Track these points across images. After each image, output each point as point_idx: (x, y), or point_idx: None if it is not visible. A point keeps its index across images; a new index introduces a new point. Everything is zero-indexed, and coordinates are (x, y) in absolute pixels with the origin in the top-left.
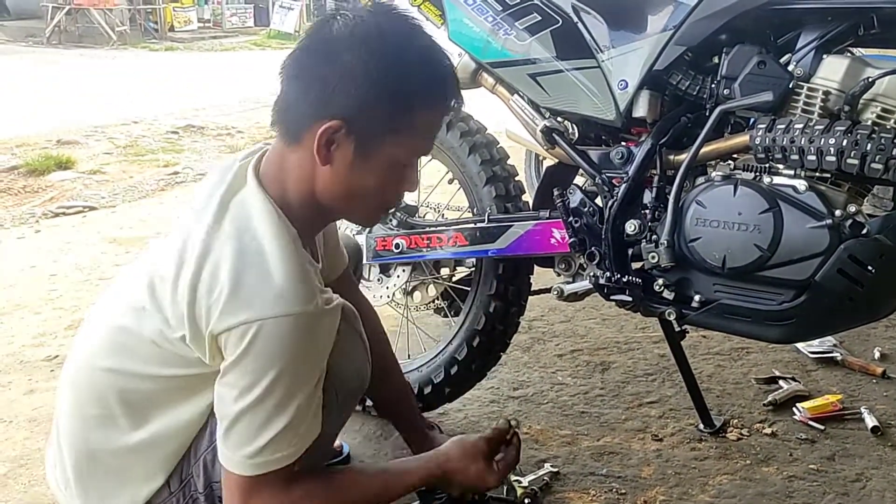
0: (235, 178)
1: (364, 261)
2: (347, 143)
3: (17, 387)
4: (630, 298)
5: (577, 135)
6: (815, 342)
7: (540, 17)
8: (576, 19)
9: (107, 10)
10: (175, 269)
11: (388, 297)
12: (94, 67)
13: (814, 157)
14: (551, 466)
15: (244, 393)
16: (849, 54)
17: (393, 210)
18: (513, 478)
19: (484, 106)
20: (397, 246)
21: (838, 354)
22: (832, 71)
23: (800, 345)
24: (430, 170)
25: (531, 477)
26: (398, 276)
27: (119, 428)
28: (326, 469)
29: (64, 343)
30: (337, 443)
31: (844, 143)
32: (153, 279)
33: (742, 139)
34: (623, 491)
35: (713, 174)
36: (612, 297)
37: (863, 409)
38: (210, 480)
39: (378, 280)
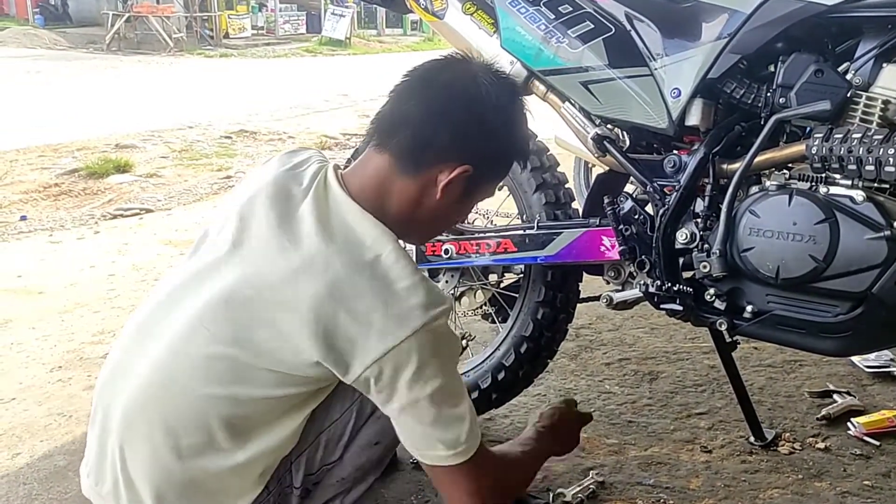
0: (318, 191)
1: None
2: (462, 183)
3: (76, 382)
4: (681, 308)
5: (628, 143)
6: (872, 356)
7: (592, 26)
8: (629, 27)
9: (164, 18)
10: (298, 298)
11: None
12: (152, 73)
13: (872, 168)
14: (596, 475)
15: (439, 394)
16: None
17: None
18: (557, 490)
19: (535, 114)
20: (446, 251)
21: (895, 369)
22: (892, 80)
23: (855, 359)
24: None
25: (575, 489)
26: (446, 282)
27: (220, 452)
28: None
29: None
30: None
31: None
32: (264, 307)
33: (798, 148)
34: (671, 502)
35: (768, 184)
36: (662, 306)
37: None
38: (308, 473)
39: None
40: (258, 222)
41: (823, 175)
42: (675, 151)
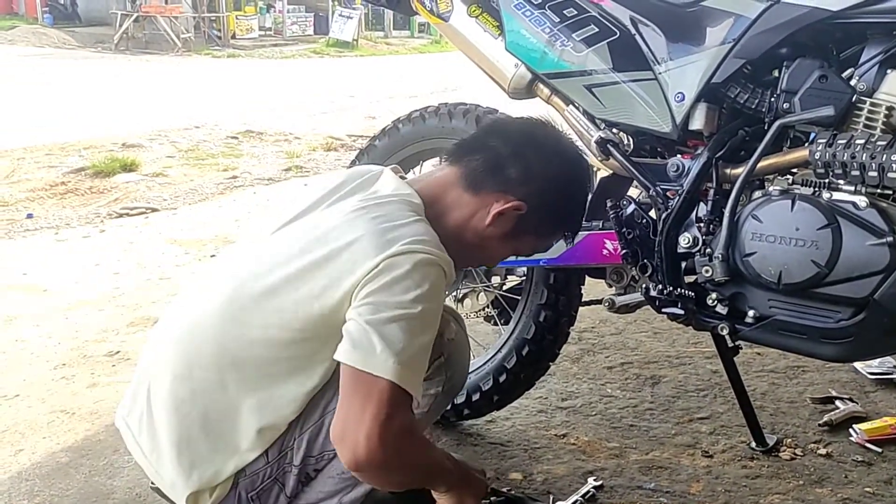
0: (371, 177)
1: None
2: (511, 220)
3: (80, 380)
4: (682, 312)
5: (631, 146)
6: (875, 363)
7: (597, 29)
8: (633, 31)
9: (172, 18)
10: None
11: None
12: (159, 73)
13: (875, 174)
14: (594, 480)
15: (401, 305)
16: None
17: None
18: (554, 503)
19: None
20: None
21: None
22: None
23: (858, 365)
24: None
25: (573, 498)
26: None
27: (228, 393)
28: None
29: (126, 339)
30: None
31: None
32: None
33: (801, 154)
34: None
35: (770, 188)
36: (663, 310)
37: None
38: (308, 454)
39: None
40: (328, 201)
41: (826, 181)
42: (678, 155)
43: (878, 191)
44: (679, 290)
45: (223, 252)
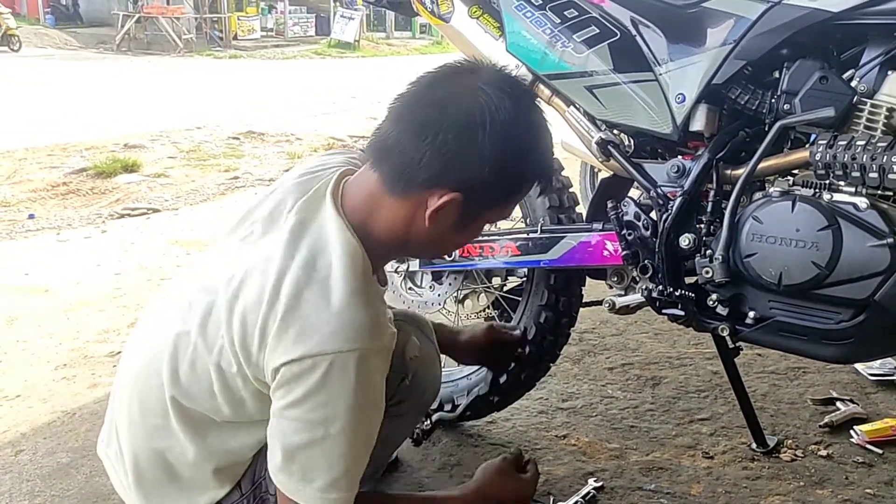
0: (315, 196)
1: (416, 267)
2: (456, 210)
3: (81, 380)
4: (682, 313)
5: (632, 147)
6: (876, 364)
7: (598, 30)
8: (634, 32)
9: (174, 19)
10: (234, 288)
11: (440, 304)
12: (161, 74)
13: (875, 175)
14: (594, 481)
15: (315, 425)
16: None
17: None
18: (553, 501)
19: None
20: (450, 254)
21: None
22: None
23: (859, 366)
24: None
25: (573, 499)
26: (450, 284)
27: (179, 439)
28: (378, 493)
29: (127, 340)
30: None
31: None
32: (213, 294)
33: (802, 155)
34: None
35: (771, 190)
36: (664, 311)
37: None
38: None
39: (430, 287)
40: (259, 215)
41: (827, 182)
42: (679, 157)
43: (879, 192)
44: (679, 291)
45: (193, 261)
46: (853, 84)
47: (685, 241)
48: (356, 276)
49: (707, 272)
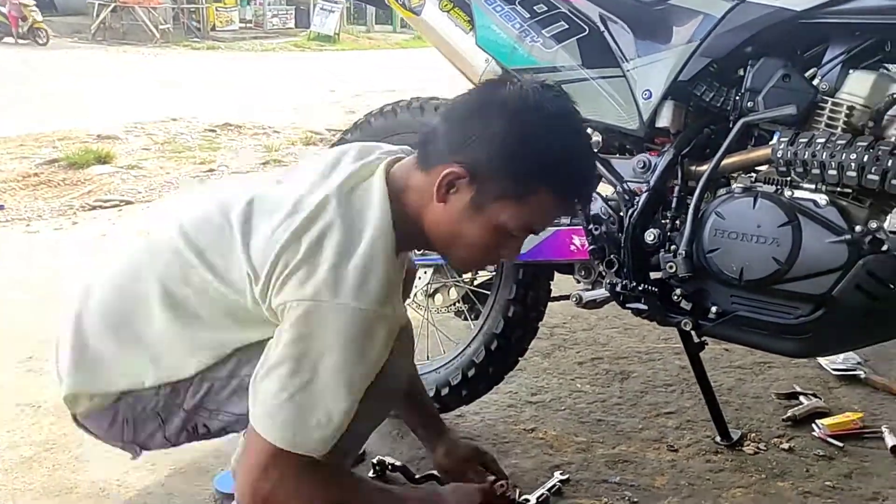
0: (369, 165)
1: None
2: (466, 191)
3: (47, 373)
4: (646, 307)
5: (600, 143)
6: (839, 359)
7: (567, 26)
8: (602, 28)
9: (151, 9)
10: (286, 210)
11: (410, 298)
12: (137, 64)
13: (834, 172)
14: (560, 474)
15: (298, 369)
16: (875, 70)
17: None
18: (522, 498)
19: None
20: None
21: (862, 372)
22: (858, 86)
23: (823, 361)
24: None
25: (539, 492)
26: (420, 278)
27: (151, 315)
28: (341, 468)
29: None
30: None
31: (866, 158)
32: (253, 205)
33: (764, 152)
34: (635, 499)
35: (734, 186)
36: (628, 306)
37: (883, 429)
38: (202, 405)
39: None
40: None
41: (788, 179)
42: (645, 153)
43: (838, 189)
44: (644, 285)
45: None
46: (815, 82)
47: (650, 236)
48: (384, 244)
49: (671, 267)
